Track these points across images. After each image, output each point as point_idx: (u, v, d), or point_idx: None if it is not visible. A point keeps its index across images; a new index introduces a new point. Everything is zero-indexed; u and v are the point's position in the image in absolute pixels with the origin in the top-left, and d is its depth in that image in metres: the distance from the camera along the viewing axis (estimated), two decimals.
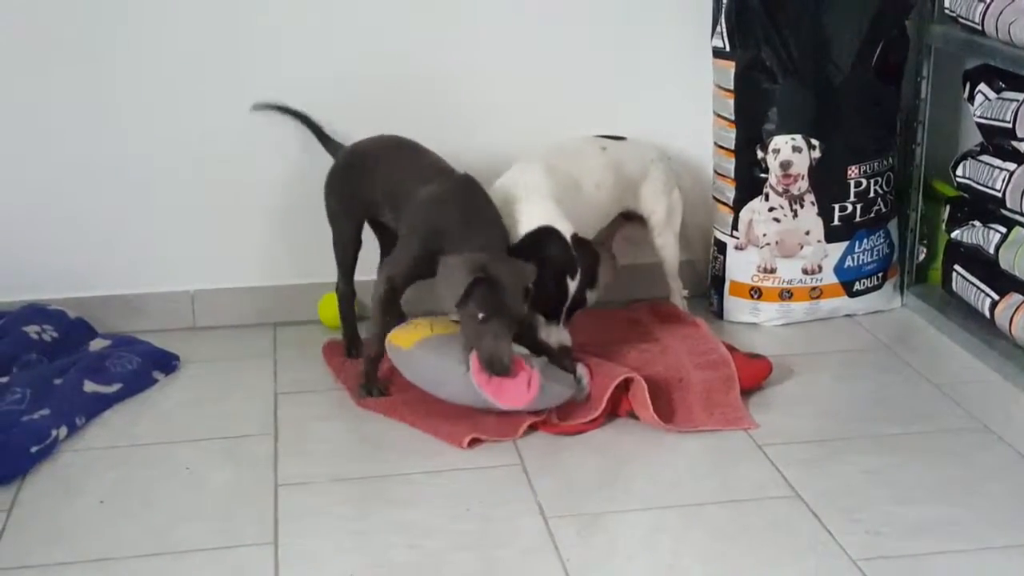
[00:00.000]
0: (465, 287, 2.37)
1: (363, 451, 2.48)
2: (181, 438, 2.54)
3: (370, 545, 2.15)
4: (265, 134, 3.00)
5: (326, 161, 3.02)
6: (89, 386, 2.67)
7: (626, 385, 2.55)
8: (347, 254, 2.83)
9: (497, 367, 2.39)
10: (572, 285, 2.56)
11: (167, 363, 2.85)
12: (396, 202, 2.64)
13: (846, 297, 3.10)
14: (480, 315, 2.38)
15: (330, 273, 3.07)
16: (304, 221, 3.06)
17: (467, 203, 2.54)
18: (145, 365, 2.80)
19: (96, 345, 2.89)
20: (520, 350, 2.53)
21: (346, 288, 2.87)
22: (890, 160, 3.09)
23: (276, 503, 2.28)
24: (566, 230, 2.57)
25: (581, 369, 2.58)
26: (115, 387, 2.70)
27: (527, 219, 2.59)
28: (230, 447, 2.50)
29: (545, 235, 2.56)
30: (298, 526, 2.20)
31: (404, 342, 2.58)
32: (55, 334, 2.87)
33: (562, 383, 2.51)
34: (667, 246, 2.97)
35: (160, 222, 3.04)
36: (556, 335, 2.58)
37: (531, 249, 2.54)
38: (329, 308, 3.06)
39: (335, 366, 2.82)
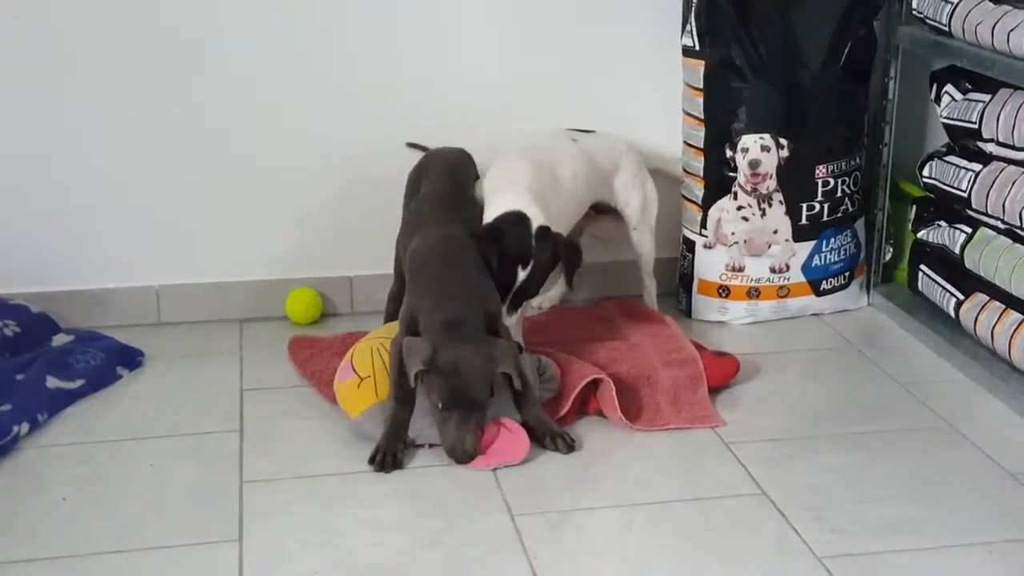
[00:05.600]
0: (415, 374, 2.30)
1: (329, 449, 2.46)
2: (145, 434, 2.52)
3: (335, 542, 2.13)
4: (234, 130, 2.99)
5: (294, 156, 3.02)
6: (52, 382, 2.64)
7: (594, 384, 2.55)
8: (398, 253, 2.76)
9: (459, 457, 2.32)
10: (522, 274, 2.53)
11: (131, 359, 2.82)
12: (404, 246, 2.61)
13: (813, 296, 3.11)
14: (439, 404, 2.31)
15: (296, 270, 3.08)
16: (271, 217, 3.05)
17: (444, 260, 2.45)
18: (109, 361, 2.77)
19: (59, 340, 2.86)
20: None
21: (396, 290, 2.77)
22: (857, 160, 3.11)
23: (241, 500, 2.26)
24: (535, 217, 2.55)
25: (552, 368, 2.57)
26: (78, 383, 2.67)
27: (500, 205, 2.58)
28: (195, 444, 2.48)
29: (511, 219, 2.54)
30: (263, 523, 2.18)
31: (351, 407, 2.49)
32: (17, 329, 2.83)
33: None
34: (643, 241, 2.97)
35: (125, 217, 3.01)
36: (506, 321, 2.52)
37: (493, 230, 2.52)
38: (296, 304, 3.05)
39: (301, 363, 2.80)
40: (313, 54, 2.99)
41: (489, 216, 2.58)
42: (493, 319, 2.42)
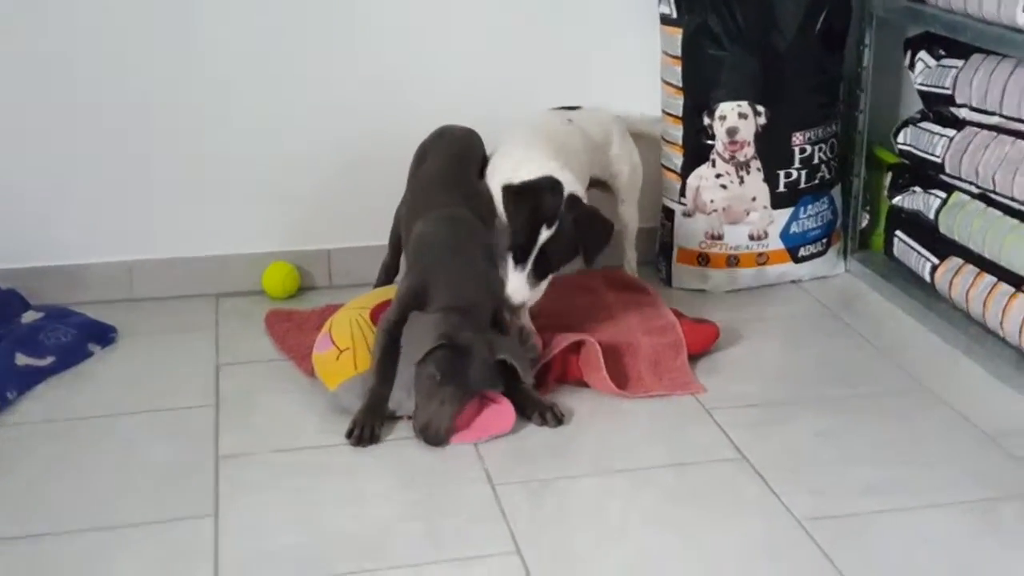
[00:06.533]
0: (427, 350, 2.29)
1: (306, 422, 2.44)
2: (119, 411, 2.49)
3: (313, 516, 2.12)
4: (205, 105, 2.95)
5: (266, 129, 2.99)
6: (21, 359, 2.60)
7: (577, 348, 2.53)
8: (397, 226, 2.77)
9: (431, 437, 2.29)
10: (545, 233, 2.47)
11: (104, 335, 2.79)
12: (404, 225, 2.60)
13: (792, 263, 3.11)
14: (437, 376, 2.29)
15: (273, 242, 3.05)
16: (246, 190, 3.02)
17: (455, 247, 2.43)
18: (80, 337, 2.74)
19: (29, 318, 2.82)
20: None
21: (390, 260, 2.82)
22: (834, 127, 3.10)
23: (217, 476, 2.24)
24: (568, 183, 2.49)
25: (534, 336, 2.55)
26: (48, 360, 2.64)
27: (531, 170, 2.50)
28: (170, 420, 2.45)
29: (544, 183, 2.47)
30: (240, 499, 2.16)
31: (330, 379, 2.46)
32: None
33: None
34: (629, 213, 2.95)
35: (96, 192, 2.96)
36: (519, 288, 2.47)
37: (524, 189, 2.46)
38: (273, 278, 3.02)
39: (278, 336, 2.77)
40: (289, 32, 2.95)
41: (516, 179, 2.50)
42: (499, 310, 2.44)
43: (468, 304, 2.36)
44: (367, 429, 2.34)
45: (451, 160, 2.67)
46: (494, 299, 2.44)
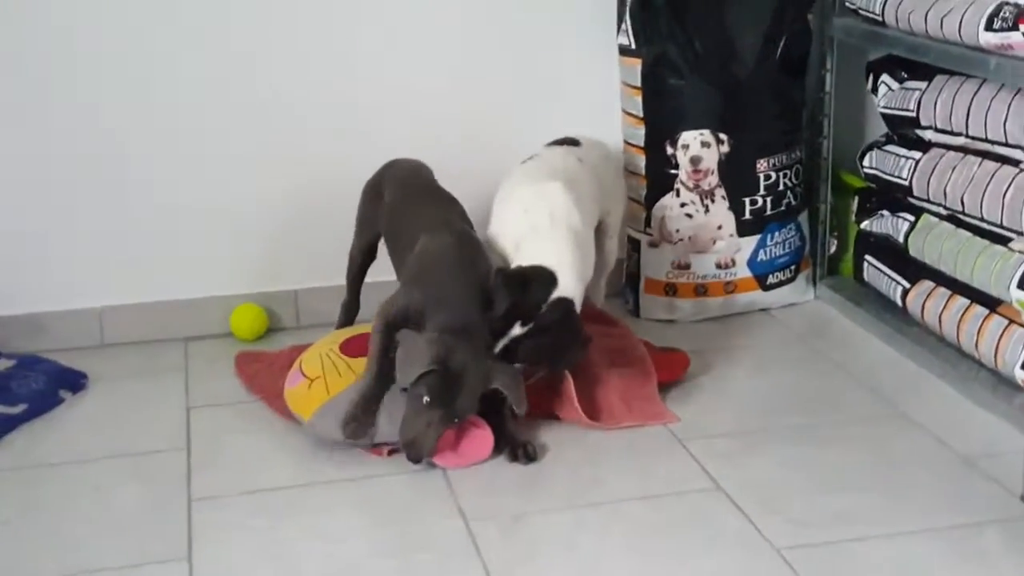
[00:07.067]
0: (419, 374, 2.28)
1: (278, 462, 2.42)
2: (90, 457, 2.47)
3: (286, 555, 2.10)
4: (169, 150, 2.95)
5: (231, 173, 2.98)
6: None
7: (548, 380, 2.53)
8: (353, 266, 2.80)
9: (413, 455, 2.28)
10: (516, 329, 2.36)
11: (74, 381, 2.77)
12: (395, 244, 2.60)
13: (760, 291, 3.11)
14: (425, 399, 2.28)
15: (240, 285, 3.04)
16: (213, 234, 3.01)
17: (457, 265, 2.40)
18: (51, 384, 2.72)
19: (0, 366, 2.80)
20: None
21: (349, 300, 2.82)
22: (798, 153, 3.12)
23: (189, 518, 2.22)
24: (564, 288, 2.38)
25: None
26: (20, 408, 2.62)
27: (536, 252, 2.42)
28: (141, 464, 2.43)
29: (536, 274, 2.39)
30: (212, 540, 2.15)
31: (303, 410, 2.44)
32: None
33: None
34: (612, 246, 2.87)
35: (65, 240, 2.96)
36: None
37: (510, 277, 2.38)
38: (242, 320, 3.01)
39: (248, 378, 2.76)
40: (257, 73, 2.96)
41: (522, 253, 2.42)
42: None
43: (466, 326, 2.33)
44: (360, 423, 2.32)
45: (428, 181, 2.68)
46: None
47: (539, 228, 2.47)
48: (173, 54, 2.91)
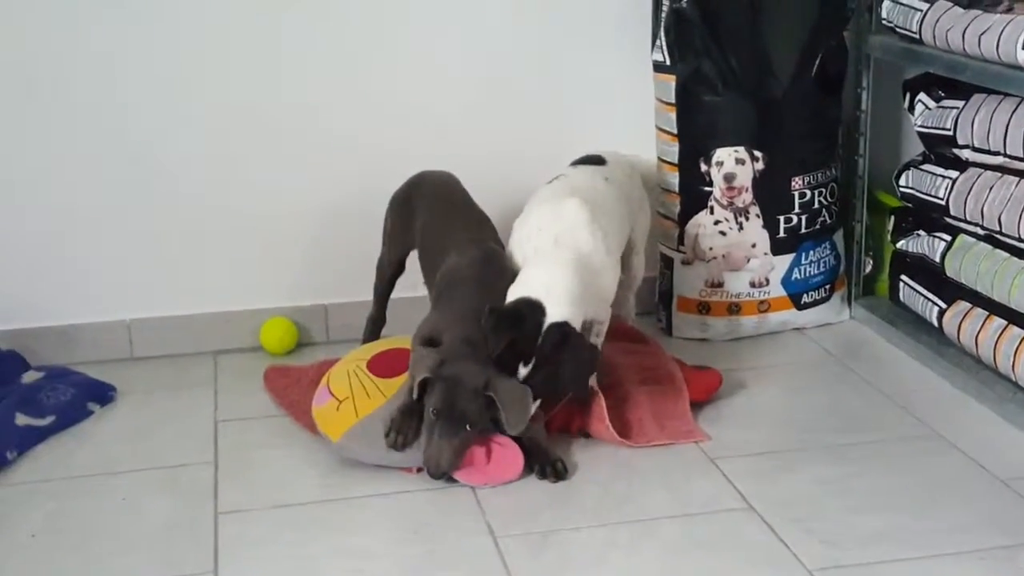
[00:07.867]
0: (417, 382, 2.29)
1: (306, 477, 2.41)
2: (118, 469, 2.46)
3: (312, 571, 2.09)
4: (206, 160, 2.96)
5: (263, 186, 2.98)
6: (21, 419, 2.59)
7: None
8: (381, 279, 2.81)
9: (432, 470, 2.27)
10: (522, 370, 2.32)
11: (103, 394, 2.77)
12: (426, 262, 2.61)
13: (794, 310, 3.08)
14: (431, 410, 2.29)
15: (271, 299, 3.04)
16: (243, 248, 3.01)
17: (476, 285, 2.41)
18: (80, 396, 2.72)
19: (29, 378, 2.81)
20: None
21: (376, 313, 2.83)
22: (833, 171, 3.09)
23: (216, 532, 2.21)
24: (552, 314, 2.31)
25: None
26: (48, 419, 2.62)
27: (528, 282, 2.37)
28: (169, 477, 2.43)
29: (521, 309, 2.33)
30: (239, 555, 2.14)
31: (332, 431, 2.43)
32: None
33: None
34: (639, 261, 2.86)
35: (95, 251, 2.96)
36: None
37: (500, 317, 2.32)
38: (271, 334, 3.01)
39: (277, 392, 2.75)
40: (285, 84, 2.96)
41: (515, 289, 2.37)
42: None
43: (471, 338, 2.32)
44: (404, 432, 2.32)
45: (460, 198, 2.69)
46: None
47: (540, 251, 2.45)
48: (212, 63, 2.91)
